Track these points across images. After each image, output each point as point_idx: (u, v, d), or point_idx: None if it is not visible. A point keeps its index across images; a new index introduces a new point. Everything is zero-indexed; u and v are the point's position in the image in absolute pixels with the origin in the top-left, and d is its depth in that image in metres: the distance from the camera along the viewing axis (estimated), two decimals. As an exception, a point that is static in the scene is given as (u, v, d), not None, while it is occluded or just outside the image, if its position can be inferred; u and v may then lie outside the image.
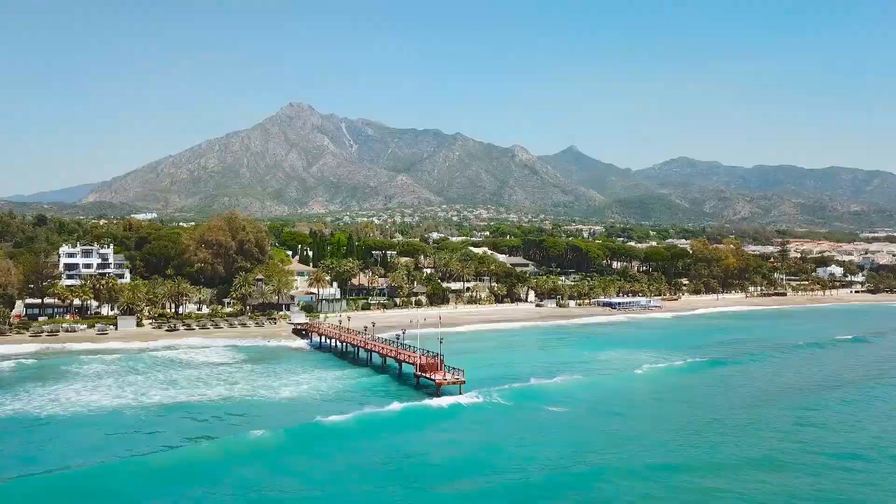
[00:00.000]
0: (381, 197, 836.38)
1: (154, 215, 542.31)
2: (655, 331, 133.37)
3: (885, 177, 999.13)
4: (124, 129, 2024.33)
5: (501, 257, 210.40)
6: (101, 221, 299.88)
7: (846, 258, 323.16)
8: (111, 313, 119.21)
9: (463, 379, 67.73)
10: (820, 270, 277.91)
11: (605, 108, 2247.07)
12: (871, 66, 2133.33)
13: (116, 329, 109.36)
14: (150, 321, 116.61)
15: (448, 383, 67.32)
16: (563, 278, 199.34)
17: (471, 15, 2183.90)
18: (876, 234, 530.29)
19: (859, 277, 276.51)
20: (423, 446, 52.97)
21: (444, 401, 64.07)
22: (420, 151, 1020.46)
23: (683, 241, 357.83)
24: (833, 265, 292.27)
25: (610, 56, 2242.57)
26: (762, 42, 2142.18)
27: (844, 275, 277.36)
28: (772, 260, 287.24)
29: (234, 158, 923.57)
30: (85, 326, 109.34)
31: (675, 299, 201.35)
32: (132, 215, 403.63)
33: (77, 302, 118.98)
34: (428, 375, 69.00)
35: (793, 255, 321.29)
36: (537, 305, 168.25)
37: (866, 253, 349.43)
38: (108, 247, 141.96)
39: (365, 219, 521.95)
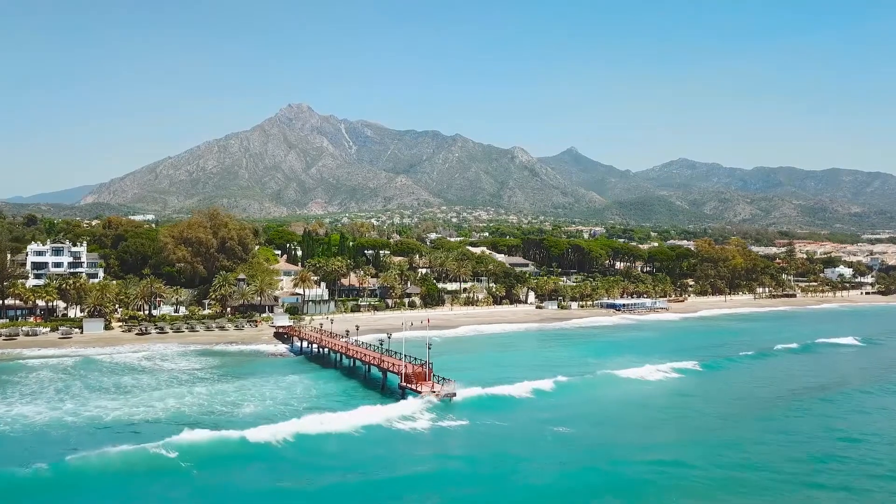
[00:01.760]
0: (381, 198, 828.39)
1: (152, 216, 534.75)
2: (664, 334, 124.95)
3: (885, 178, 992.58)
4: (124, 131, 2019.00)
5: (500, 257, 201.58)
6: (94, 222, 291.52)
7: (853, 259, 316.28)
8: (80, 315, 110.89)
9: (453, 391, 59.37)
10: (828, 271, 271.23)
11: (605, 110, 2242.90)
12: (872, 68, 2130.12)
13: (82, 332, 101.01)
14: (121, 324, 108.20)
15: (436, 395, 58.83)
16: (565, 279, 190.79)
17: (470, 16, 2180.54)
18: (879, 236, 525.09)
19: (868, 279, 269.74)
20: (382, 470, 43.49)
21: (426, 416, 55.31)
22: (419, 153, 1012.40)
23: (685, 242, 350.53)
24: (841, 266, 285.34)
25: (610, 57, 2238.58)
26: (762, 43, 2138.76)
27: (854, 276, 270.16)
28: (778, 260, 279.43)
29: (232, 160, 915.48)
30: (47, 330, 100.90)
31: (681, 300, 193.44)
32: (129, 216, 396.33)
33: (43, 303, 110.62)
34: (413, 387, 60.45)
35: (798, 255, 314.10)
36: (538, 307, 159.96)
37: (871, 254, 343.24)
38: (81, 245, 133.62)
39: (364, 220, 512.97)
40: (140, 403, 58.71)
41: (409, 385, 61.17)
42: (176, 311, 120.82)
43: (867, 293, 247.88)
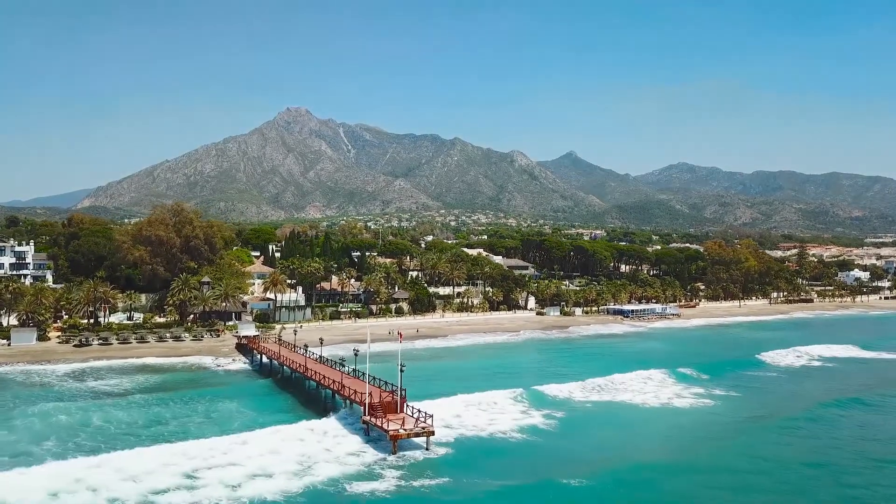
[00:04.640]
0: (379, 202, 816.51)
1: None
2: (682, 345, 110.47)
3: (885, 182, 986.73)
4: (122, 134, 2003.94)
5: (498, 259, 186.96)
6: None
7: (867, 262, 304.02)
8: (15, 324, 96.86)
9: (431, 428, 45.02)
10: (841, 275, 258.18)
11: (604, 114, 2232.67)
12: (872, 72, 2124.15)
13: (9, 344, 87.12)
14: (59, 334, 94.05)
15: (407, 435, 44.50)
16: (567, 283, 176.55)
17: (470, 20, 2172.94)
18: (882, 240, 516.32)
19: (885, 283, 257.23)
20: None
21: (392, 471, 40.70)
22: (418, 156, 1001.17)
23: (688, 245, 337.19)
24: (856, 269, 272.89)
25: (609, 61, 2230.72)
26: (761, 47, 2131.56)
27: (871, 279, 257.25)
28: (789, 263, 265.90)
29: (230, 163, 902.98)
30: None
31: (692, 306, 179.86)
32: (124, 219, 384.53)
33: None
34: (379, 422, 45.97)
35: (810, 259, 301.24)
36: (538, 313, 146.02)
37: (879, 257, 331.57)
38: (28, 244, 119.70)
39: (362, 223, 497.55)
40: (7, 445, 43.86)
41: (373, 420, 46.73)
42: (130, 318, 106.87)
43: (885, 298, 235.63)
